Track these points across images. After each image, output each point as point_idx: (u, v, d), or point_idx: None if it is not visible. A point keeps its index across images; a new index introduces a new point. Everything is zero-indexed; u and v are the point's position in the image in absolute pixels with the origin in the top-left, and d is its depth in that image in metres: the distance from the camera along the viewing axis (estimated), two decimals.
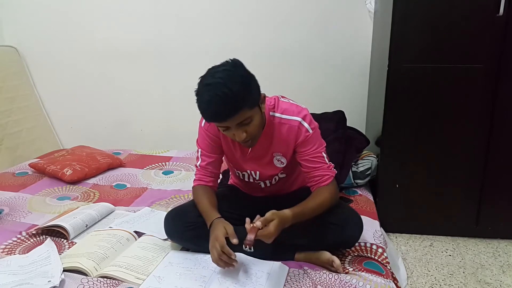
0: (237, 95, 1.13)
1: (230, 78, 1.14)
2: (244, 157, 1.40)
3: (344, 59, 2.49)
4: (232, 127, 1.20)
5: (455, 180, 1.88)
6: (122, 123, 2.90)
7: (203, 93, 1.16)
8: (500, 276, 1.68)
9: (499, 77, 1.72)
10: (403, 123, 1.85)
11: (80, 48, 2.78)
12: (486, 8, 1.65)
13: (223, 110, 1.14)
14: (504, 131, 1.78)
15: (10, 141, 2.63)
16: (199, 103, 1.17)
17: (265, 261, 1.32)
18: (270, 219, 1.16)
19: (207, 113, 1.18)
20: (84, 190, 2.03)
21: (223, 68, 1.17)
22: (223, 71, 1.16)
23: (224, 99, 1.12)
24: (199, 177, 1.44)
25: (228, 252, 1.20)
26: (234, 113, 1.15)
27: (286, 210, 1.22)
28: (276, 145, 1.36)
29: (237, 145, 1.39)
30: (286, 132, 1.33)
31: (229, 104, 1.13)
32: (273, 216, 1.17)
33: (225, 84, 1.12)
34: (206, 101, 1.15)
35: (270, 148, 1.37)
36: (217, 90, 1.12)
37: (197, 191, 1.42)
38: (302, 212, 1.26)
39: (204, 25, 2.59)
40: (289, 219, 1.21)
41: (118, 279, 1.26)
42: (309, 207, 1.29)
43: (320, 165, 1.34)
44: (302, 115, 1.33)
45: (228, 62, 1.20)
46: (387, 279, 1.28)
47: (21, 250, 1.47)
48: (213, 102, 1.13)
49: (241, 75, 1.17)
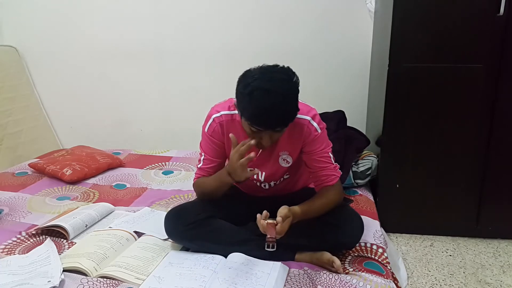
0: (292, 113, 1.17)
1: (289, 91, 1.15)
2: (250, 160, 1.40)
3: (344, 59, 2.49)
4: (266, 132, 1.20)
5: (455, 180, 1.88)
6: (122, 123, 2.90)
7: (259, 98, 1.13)
8: (501, 276, 1.67)
9: (499, 77, 1.72)
10: (403, 123, 1.85)
11: (80, 48, 2.77)
12: (486, 8, 1.65)
13: (275, 122, 1.16)
14: (504, 131, 1.78)
15: (10, 141, 2.63)
16: (249, 105, 1.15)
17: (266, 261, 1.32)
18: (287, 216, 1.19)
19: (258, 118, 1.16)
20: (84, 190, 2.02)
21: (281, 76, 1.17)
22: (283, 80, 1.15)
23: (280, 113, 1.14)
24: (199, 176, 1.45)
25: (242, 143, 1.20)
26: (284, 125, 1.18)
27: (295, 207, 1.24)
28: (283, 144, 1.36)
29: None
30: (295, 131, 1.34)
31: (283, 119, 1.17)
32: (289, 213, 1.19)
33: (285, 98, 1.13)
34: (262, 108, 1.13)
35: (276, 148, 1.37)
36: (276, 100, 1.12)
37: (199, 180, 1.44)
38: (309, 210, 1.28)
39: (204, 25, 2.59)
40: (298, 216, 1.24)
41: (118, 279, 1.26)
42: (316, 206, 1.31)
43: (327, 165, 1.35)
44: (311, 115, 1.33)
45: (283, 69, 1.20)
46: (387, 279, 1.28)
47: (21, 250, 1.47)
48: (270, 112, 1.13)
49: (296, 90, 1.19)
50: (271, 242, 1.14)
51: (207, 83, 2.63)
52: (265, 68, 1.19)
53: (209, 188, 1.39)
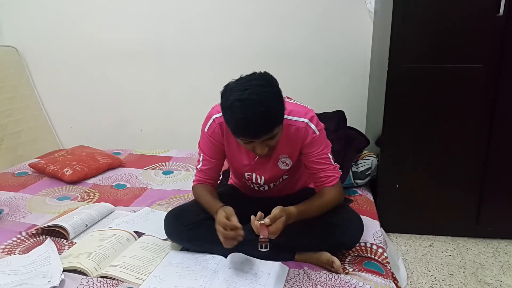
0: (274, 114, 1.14)
1: (268, 96, 1.12)
2: (250, 163, 1.40)
3: (344, 59, 2.49)
4: (257, 142, 1.19)
5: (455, 180, 1.88)
6: (122, 123, 2.90)
7: (236, 109, 1.11)
8: (500, 276, 1.67)
9: (499, 77, 1.72)
10: (403, 123, 1.85)
11: (80, 48, 2.77)
12: (486, 8, 1.65)
13: (259, 129, 1.13)
14: (504, 131, 1.78)
15: (10, 141, 2.63)
16: (231, 119, 1.14)
17: (265, 261, 1.32)
18: (278, 216, 1.18)
19: (240, 130, 1.15)
20: (84, 190, 2.03)
21: (256, 82, 1.14)
22: (258, 86, 1.13)
23: (261, 118, 1.10)
24: (198, 178, 1.45)
25: (231, 225, 1.19)
26: (269, 131, 1.15)
27: (291, 207, 1.24)
28: (282, 147, 1.36)
29: (243, 152, 1.39)
30: (293, 134, 1.33)
31: (267, 123, 1.13)
32: (281, 213, 1.18)
33: (264, 104, 1.10)
34: (241, 118, 1.11)
35: (275, 152, 1.37)
36: (254, 108, 1.09)
37: (197, 189, 1.44)
38: (306, 210, 1.28)
39: (204, 25, 2.59)
40: (294, 216, 1.23)
41: (118, 279, 1.26)
42: (314, 206, 1.30)
43: (326, 166, 1.35)
44: (309, 117, 1.32)
45: (260, 75, 1.17)
46: (387, 279, 1.28)
47: (21, 250, 1.47)
48: (250, 120, 1.10)
49: (276, 92, 1.16)
50: (263, 242, 1.13)
51: (207, 83, 2.63)
52: (242, 78, 1.18)
53: (203, 203, 1.39)
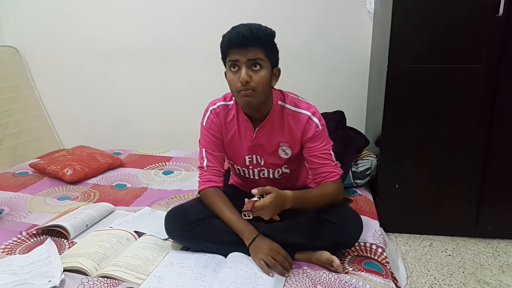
0: (264, 30, 1.24)
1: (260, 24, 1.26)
2: (249, 143, 1.40)
3: (344, 59, 2.49)
4: (242, 63, 1.22)
5: (455, 180, 1.88)
6: (122, 123, 2.90)
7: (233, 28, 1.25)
8: (500, 276, 1.68)
9: (499, 77, 1.72)
10: (403, 123, 1.85)
11: (80, 48, 2.78)
12: (486, 8, 1.65)
13: (245, 33, 1.21)
14: (504, 131, 1.78)
15: (10, 141, 2.63)
16: (225, 36, 1.25)
17: None
18: (267, 191, 1.18)
19: (229, 34, 1.24)
20: (85, 190, 2.03)
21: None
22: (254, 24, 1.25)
23: (250, 27, 1.22)
24: (209, 178, 1.42)
25: (286, 254, 1.27)
26: (254, 41, 1.21)
27: (287, 190, 1.24)
28: (283, 134, 1.38)
29: (242, 132, 1.39)
30: (295, 123, 1.36)
31: (254, 32, 1.21)
32: (271, 190, 1.19)
33: (255, 24, 1.24)
34: (234, 29, 1.24)
35: (276, 137, 1.38)
36: (246, 24, 1.23)
37: (212, 196, 1.39)
38: (303, 197, 1.28)
39: (204, 25, 2.59)
40: (289, 200, 1.23)
41: (118, 279, 1.26)
42: (311, 195, 1.31)
43: (328, 162, 1.37)
44: (311, 111, 1.36)
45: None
46: (386, 279, 1.28)
47: (21, 250, 1.47)
48: (242, 27, 1.22)
49: (270, 29, 1.28)
50: (245, 212, 1.17)
51: (207, 83, 2.63)
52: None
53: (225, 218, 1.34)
